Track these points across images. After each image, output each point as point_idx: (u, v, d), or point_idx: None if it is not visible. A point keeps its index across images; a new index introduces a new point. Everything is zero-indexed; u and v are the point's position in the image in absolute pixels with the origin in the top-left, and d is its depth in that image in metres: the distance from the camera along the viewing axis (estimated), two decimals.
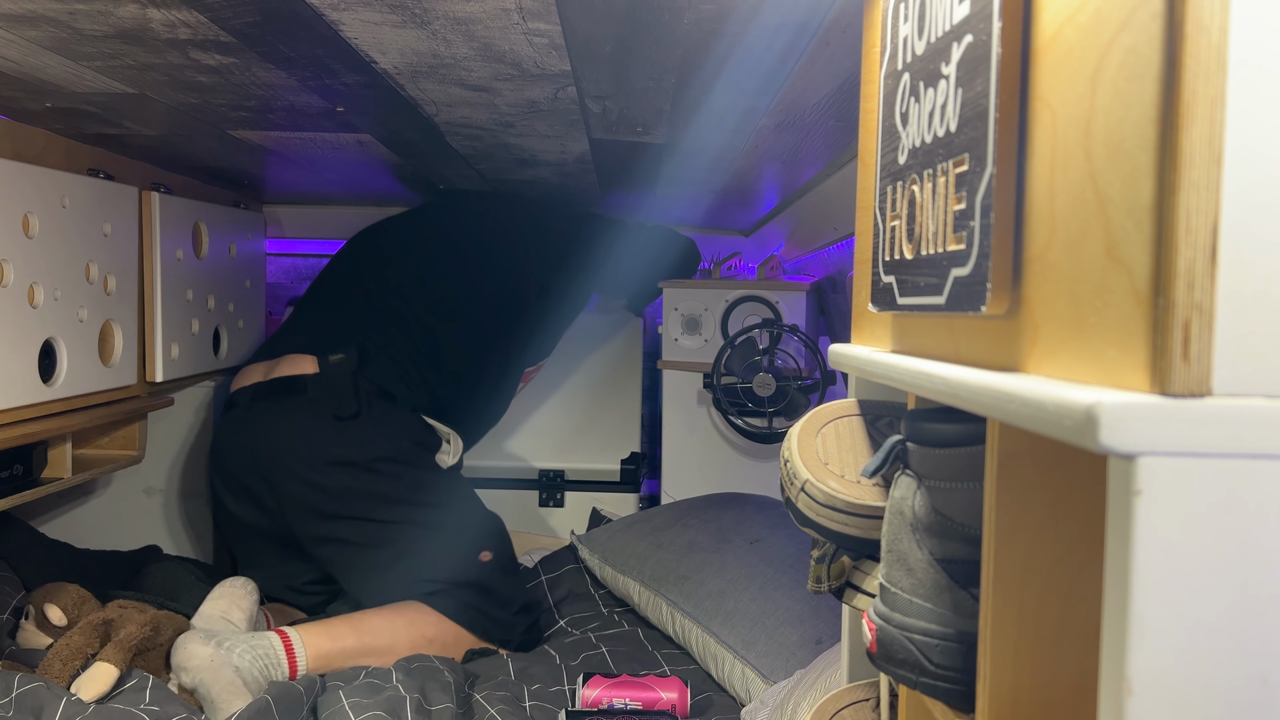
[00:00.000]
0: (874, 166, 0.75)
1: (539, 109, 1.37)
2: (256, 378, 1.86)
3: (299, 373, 1.81)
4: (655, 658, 1.73)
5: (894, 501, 0.64)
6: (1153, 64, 0.39)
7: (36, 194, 1.48)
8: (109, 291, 1.69)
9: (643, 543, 1.90)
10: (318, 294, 2.07)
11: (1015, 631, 0.54)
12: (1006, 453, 0.53)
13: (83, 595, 1.61)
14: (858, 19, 0.90)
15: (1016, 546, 0.53)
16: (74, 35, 1.07)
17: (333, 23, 1.00)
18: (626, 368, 2.47)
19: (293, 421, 1.77)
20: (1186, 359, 0.38)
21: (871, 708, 0.87)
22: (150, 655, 1.49)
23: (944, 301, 0.56)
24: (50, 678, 1.37)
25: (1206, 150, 0.38)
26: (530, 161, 1.82)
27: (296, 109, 1.40)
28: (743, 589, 1.69)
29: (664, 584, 1.78)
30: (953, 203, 0.55)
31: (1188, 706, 0.38)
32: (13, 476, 1.60)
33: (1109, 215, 0.42)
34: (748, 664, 1.56)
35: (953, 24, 0.56)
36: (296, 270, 2.84)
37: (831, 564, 0.78)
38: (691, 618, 1.69)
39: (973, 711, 0.58)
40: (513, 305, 2.04)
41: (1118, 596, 0.39)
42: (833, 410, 0.81)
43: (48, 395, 1.53)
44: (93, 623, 1.48)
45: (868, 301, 0.74)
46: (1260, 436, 0.38)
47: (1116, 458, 0.39)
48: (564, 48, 1.07)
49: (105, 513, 2.17)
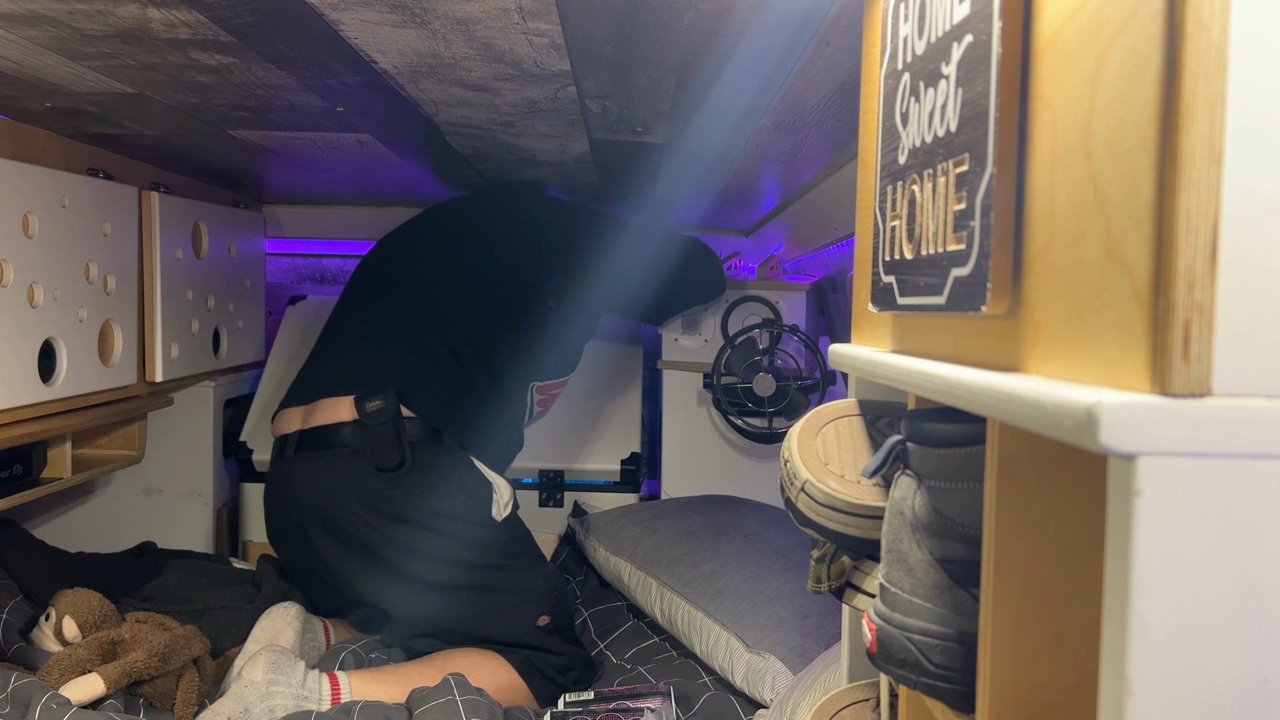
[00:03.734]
0: (874, 166, 0.75)
1: (539, 109, 1.37)
2: (296, 424, 1.81)
3: (337, 420, 1.75)
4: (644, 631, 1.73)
5: (894, 501, 0.64)
6: (1153, 64, 0.39)
7: (36, 194, 1.48)
8: (109, 291, 1.69)
9: (638, 528, 1.92)
10: (344, 318, 1.97)
11: (1015, 631, 0.54)
12: (1006, 453, 0.53)
13: (106, 610, 1.60)
14: (858, 19, 0.90)
15: (1016, 546, 0.53)
16: (74, 35, 1.07)
17: (333, 22, 1.00)
18: (626, 368, 2.47)
19: (338, 476, 1.70)
20: (1186, 359, 0.38)
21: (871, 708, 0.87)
22: (158, 681, 1.49)
23: (944, 301, 0.56)
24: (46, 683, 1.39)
25: (1206, 150, 0.38)
26: (530, 161, 1.82)
27: (296, 109, 1.40)
28: (734, 572, 1.69)
29: (655, 565, 1.79)
30: (953, 203, 0.55)
31: (1188, 706, 0.38)
32: (12, 476, 1.61)
33: (1109, 215, 0.42)
34: (733, 634, 1.56)
35: (953, 24, 0.56)
36: (296, 270, 2.84)
37: (831, 564, 0.78)
38: (680, 594, 1.69)
39: (973, 711, 0.58)
40: (529, 311, 1.96)
41: (1118, 596, 0.39)
42: (833, 410, 0.81)
43: (47, 395, 1.53)
44: (101, 641, 1.49)
45: (868, 301, 0.74)
46: (1260, 436, 0.38)
47: (1116, 458, 0.39)
48: (564, 48, 1.07)
49: (105, 513, 2.17)
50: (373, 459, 1.69)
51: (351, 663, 1.65)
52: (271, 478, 1.81)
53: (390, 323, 1.89)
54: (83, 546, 2.09)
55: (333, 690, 1.50)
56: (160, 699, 1.49)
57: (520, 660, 1.64)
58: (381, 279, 1.99)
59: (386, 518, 1.67)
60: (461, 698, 1.40)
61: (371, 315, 1.92)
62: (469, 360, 1.87)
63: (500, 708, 1.47)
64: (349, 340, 1.91)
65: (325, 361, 1.90)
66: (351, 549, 1.68)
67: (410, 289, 1.94)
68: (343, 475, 1.70)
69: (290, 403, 1.86)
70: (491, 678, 1.59)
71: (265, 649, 1.50)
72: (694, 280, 2.18)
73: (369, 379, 1.79)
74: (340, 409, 1.76)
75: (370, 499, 1.68)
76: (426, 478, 1.70)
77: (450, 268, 1.96)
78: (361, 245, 2.77)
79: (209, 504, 2.19)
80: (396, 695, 1.51)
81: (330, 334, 1.96)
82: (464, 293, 1.92)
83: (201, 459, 2.18)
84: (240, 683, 1.45)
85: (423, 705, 1.40)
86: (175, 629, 1.58)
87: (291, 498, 1.74)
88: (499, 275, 1.95)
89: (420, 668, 1.59)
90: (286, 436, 1.80)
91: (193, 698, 1.49)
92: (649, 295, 2.15)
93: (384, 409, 1.72)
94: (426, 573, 1.66)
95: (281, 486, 1.77)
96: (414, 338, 1.86)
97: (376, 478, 1.69)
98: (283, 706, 1.44)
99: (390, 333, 1.88)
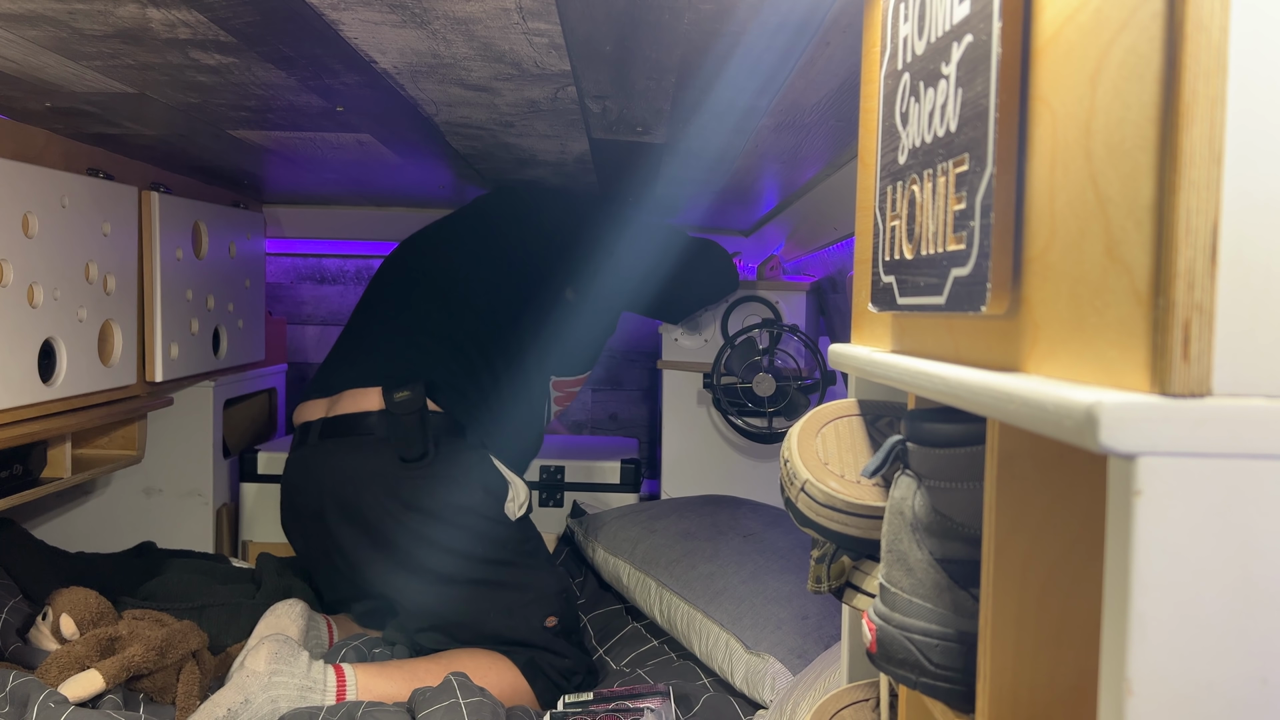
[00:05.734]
0: (874, 166, 0.75)
1: (539, 109, 1.37)
2: (320, 412, 1.81)
3: (364, 409, 1.76)
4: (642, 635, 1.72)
5: (894, 501, 0.64)
6: (1153, 64, 0.39)
7: (36, 194, 1.48)
8: (109, 291, 1.69)
9: (637, 528, 1.92)
10: (369, 314, 1.98)
11: (1015, 631, 0.54)
12: (1006, 453, 0.53)
13: (103, 608, 1.60)
14: (858, 19, 0.90)
15: (1016, 546, 0.53)
16: (74, 35, 1.07)
17: (333, 22, 1.00)
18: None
19: (360, 462, 1.71)
20: (1186, 359, 0.38)
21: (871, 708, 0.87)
22: (157, 676, 1.49)
23: (944, 301, 0.56)
24: (45, 681, 1.39)
25: (1206, 150, 0.38)
26: (530, 161, 1.82)
27: (296, 109, 1.40)
28: (733, 573, 1.69)
29: (654, 566, 1.78)
30: (953, 203, 0.55)
31: (1188, 706, 0.38)
32: (12, 476, 1.61)
33: (1109, 215, 0.42)
34: (732, 635, 1.56)
35: (953, 24, 0.56)
36: (296, 270, 2.84)
37: (831, 564, 0.78)
38: (679, 595, 1.69)
39: (973, 711, 0.58)
40: (548, 302, 1.97)
41: (1118, 596, 0.39)
42: (833, 410, 0.81)
43: (47, 395, 1.53)
44: (99, 638, 1.49)
45: (868, 301, 0.74)
46: (1260, 436, 0.38)
47: (1116, 458, 0.39)
48: (564, 48, 1.07)
49: (105, 513, 2.17)
50: (396, 448, 1.70)
51: (354, 658, 1.65)
52: (292, 462, 1.82)
53: (417, 317, 1.90)
54: (83, 546, 2.09)
55: (338, 682, 1.50)
56: (160, 693, 1.49)
57: (525, 661, 1.63)
58: (406, 276, 2.01)
59: (405, 506, 1.67)
60: (465, 700, 1.40)
61: (398, 310, 1.93)
62: (493, 354, 1.87)
63: (503, 709, 1.47)
64: (375, 335, 1.92)
65: (350, 355, 1.90)
66: (368, 535, 1.68)
67: (434, 284, 1.95)
68: (366, 462, 1.71)
69: (313, 395, 1.86)
70: (497, 680, 1.59)
71: (268, 638, 1.50)
72: (706, 273, 2.20)
73: (397, 370, 1.80)
74: (367, 398, 1.77)
75: (391, 486, 1.69)
76: (447, 470, 1.71)
77: (472, 262, 1.98)
78: (361, 245, 2.78)
79: (209, 504, 2.20)
80: (401, 692, 1.51)
81: (353, 330, 1.97)
82: (485, 286, 1.93)
83: (201, 459, 2.18)
84: (242, 672, 1.44)
85: (426, 708, 1.39)
86: (172, 624, 1.58)
87: (312, 482, 1.74)
88: (517, 268, 1.96)
89: (427, 665, 1.59)
90: (310, 423, 1.81)
91: (194, 690, 1.49)
92: (663, 289, 2.16)
93: (412, 399, 1.73)
94: (439, 564, 1.66)
95: (302, 471, 1.78)
96: (440, 331, 1.87)
97: (399, 467, 1.69)
98: (285, 697, 1.44)
99: (418, 326, 1.89)
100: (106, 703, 1.40)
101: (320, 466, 1.74)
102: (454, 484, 1.70)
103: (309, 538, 1.79)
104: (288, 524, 1.83)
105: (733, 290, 2.26)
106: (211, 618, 1.75)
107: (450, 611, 1.67)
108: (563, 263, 2.00)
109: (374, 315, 1.96)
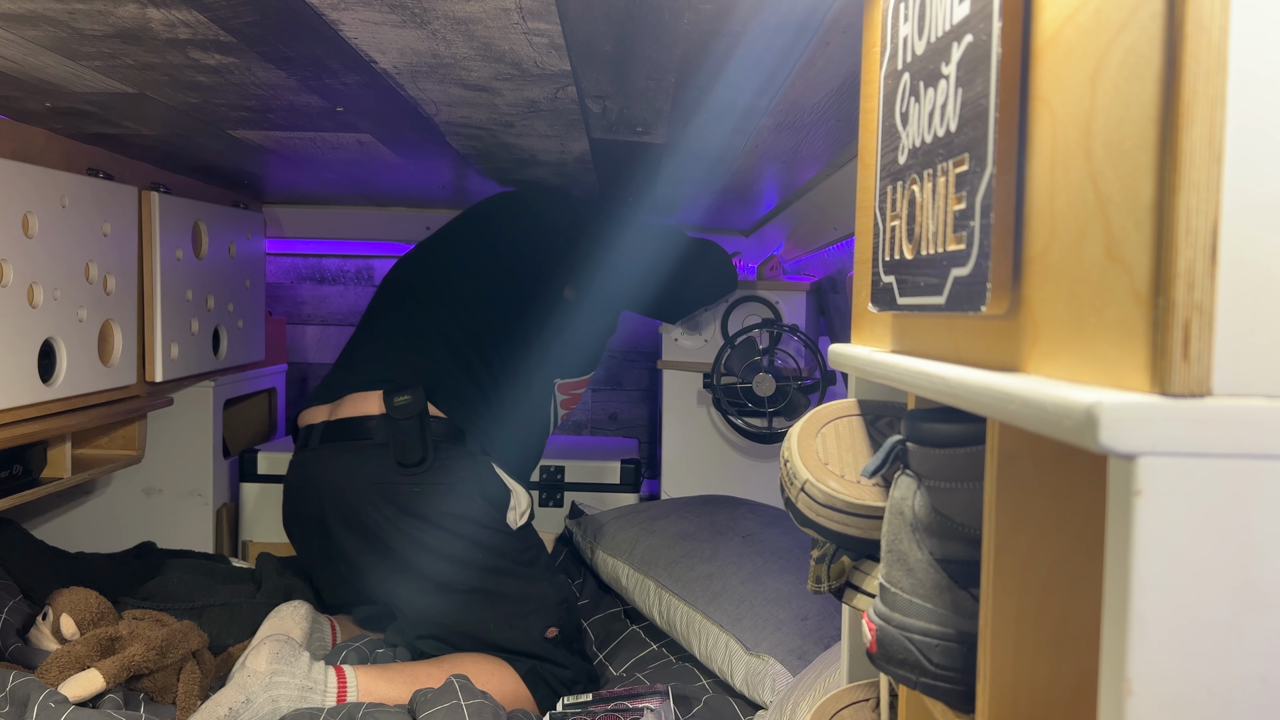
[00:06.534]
0: (874, 166, 0.75)
1: (539, 109, 1.37)
2: (322, 416, 1.81)
3: (364, 413, 1.76)
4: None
5: (894, 501, 0.64)
6: (1153, 64, 0.39)
7: (36, 194, 1.48)
8: (109, 291, 1.69)
9: (635, 529, 1.92)
10: (373, 322, 1.98)
11: (1015, 631, 0.54)
12: (1006, 453, 0.53)
13: (104, 608, 1.60)
14: (858, 19, 0.90)
15: (1016, 546, 0.53)
16: (74, 35, 1.07)
17: (333, 22, 1.00)
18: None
19: (359, 467, 1.71)
20: (1186, 359, 0.38)
21: (871, 708, 0.87)
22: (157, 676, 1.49)
23: (944, 301, 0.56)
24: (45, 681, 1.39)
25: (1206, 150, 0.38)
26: (530, 161, 1.82)
27: (296, 109, 1.40)
28: (732, 573, 1.69)
29: (653, 567, 1.78)
30: (953, 203, 0.55)
31: (1188, 706, 0.38)
32: (12, 476, 1.61)
33: (1109, 215, 0.42)
34: (732, 635, 1.55)
35: (953, 24, 0.56)
36: (296, 270, 2.84)
37: (831, 564, 0.78)
38: (678, 596, 1.69)
39: (973, 711, 0.58)
40: (548, 302, 1.96)
41: (1118, 596, 0.39)
42: (833, 410, 0.81)
43: (47, 395, 1.53)
44: (99, 637, 1.48)
45: (868, 301, 0.74)
46: (1260, 436, 0.38)
47: (1116, 458, 0.39)
48: (564, 48, 1.07)
49: (105, 513, 2.17)
50: (395, 453, 1.70)
51: (355, 660, 1.65)
52: (294, 466, 1.82)
53: (418, 320, 1.90)
54: (83, 546, 2.09)
55: (339, 684, 1.50)
56: (160, 693, 1.49)
57: (527, 670, 1.63)
58: (408, 281, 2.01)
59: (403, 512, 1.67)
60: (466, 701, 1.40)
61: (400, 314, 1.94)
62: (492, 355, 1.87)
63: (505, 712, 1.47)
64: (377, 339, 1.92)
65: (354, 360, 1.91)
66: (367, 541, 1.68)
67: (435, 288, 1.95)
68: (364, 467, 1.71)
69: (317, 400, 1.87)
70: (499, 685, 1.59)
71: (270, 638, 1.49)
72: (705, 273, 2.19)
73: (399, 375, 1.80)
74: (368, 402, 1.77)
75: (388, 493, 1.68)
76: (445, 477, 1.70)
77: (472, 264, 1.97)
78: (361, 245, 2.78)
79: (209, 504, 2.20)
80: (402, 694, 1.51)
81: (358, 336, 1.98)
82: (485, 287, 1.93)
83: (201, 459, 2.18)
84: (244, 672, 1.44)
85: (427, 710, 1.39)
86: (172, 624, 1.58)
87: (312, 486, 1.75)
88: (517, 268, 1.96)
89: (428, 668, 1.59)
90: (312, 426, 1.81)
91: (195, 690, 1.49)
92: (663, 289, 2.15)
93: (411, 404, 1.73)
94: (437, 572, 1.66)
95: (303, 474, 1.78)
96: (443, 336, 1.87)
97: (397, 472, 1.69)
98: (286, 697, 1.43)
99: (420, 331, 1.89)
100: (107, 702, 1.40)
101: (319, 470, 1.74)
102: (452, 491, 1.69)
103: (310, 540, 1.79)
104: (290, 526, 1.83)
105: (732, 290, 2.27)
106: (212, 618, 1.75)
107: (449, 619, 1.67)
108: (562, 263, 2.00)
109: (377, 320, 1.97)
